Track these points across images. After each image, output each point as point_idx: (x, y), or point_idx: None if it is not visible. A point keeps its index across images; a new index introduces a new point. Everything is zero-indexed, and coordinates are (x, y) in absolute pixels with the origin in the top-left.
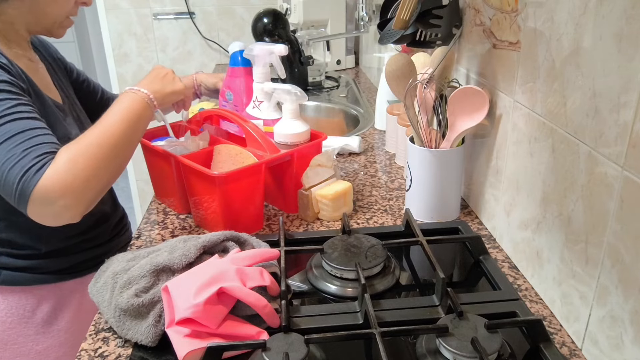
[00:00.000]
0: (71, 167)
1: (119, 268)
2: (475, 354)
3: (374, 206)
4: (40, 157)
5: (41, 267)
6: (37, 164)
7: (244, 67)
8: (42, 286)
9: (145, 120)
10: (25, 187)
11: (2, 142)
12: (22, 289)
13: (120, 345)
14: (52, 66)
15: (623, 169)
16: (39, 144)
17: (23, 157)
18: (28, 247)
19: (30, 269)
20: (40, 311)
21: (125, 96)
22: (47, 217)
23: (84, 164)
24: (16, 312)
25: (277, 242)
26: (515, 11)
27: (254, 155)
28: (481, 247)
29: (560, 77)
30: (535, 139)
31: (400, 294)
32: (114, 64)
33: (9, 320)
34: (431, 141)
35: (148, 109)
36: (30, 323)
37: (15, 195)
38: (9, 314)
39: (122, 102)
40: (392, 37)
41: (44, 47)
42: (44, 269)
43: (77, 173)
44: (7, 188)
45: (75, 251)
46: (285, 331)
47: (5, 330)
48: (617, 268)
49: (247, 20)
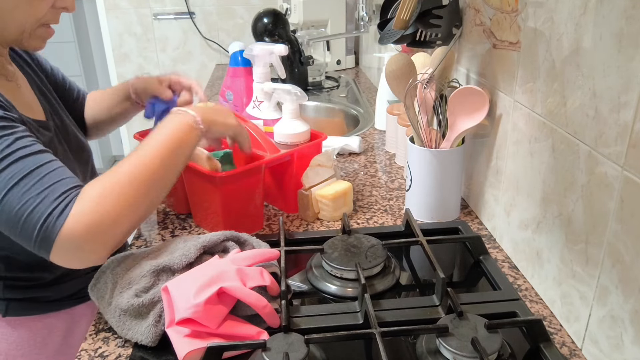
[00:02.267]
0: (98, 206)
1: (119, 268)
2: (475, 354)
3: (374, 206)
4: (61, 198)
5: (48, 295)
6: (59, 207)
7: (244, 67)
8: (50, 314)
9: (190, 147)
10: (48, 235)
11: (12, 187)
12: (31, 319)
13: (120, 345)
14: (31, 74)
15: (623, 169)
16: (55, 182)
17: (41, 202)
18: (31, 279)
19: (36, 298)
20: (52, 340)
21: (170, 118)
22: (72, 261)
23: (112, 202)
24: (27, 344)
25: (277, 242)
26: (515, 11)
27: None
28: (481, 247)
29: (560, 77)
30: (535, 139)
31: (400, 294)
32: (114, 64)
33: (20, 353)
34: (431, 141)
35: (193, 132)
36: (42, 354)
37: (35, 243)
38: (20, 347)
39: (164, 126)
40: (392, 37)
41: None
42: (52, 296)
43: (104, 213)
44: (26, 237)
45: (80, 274)
46: (285, 331)
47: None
48: (617, 268)
49: (247, 20)
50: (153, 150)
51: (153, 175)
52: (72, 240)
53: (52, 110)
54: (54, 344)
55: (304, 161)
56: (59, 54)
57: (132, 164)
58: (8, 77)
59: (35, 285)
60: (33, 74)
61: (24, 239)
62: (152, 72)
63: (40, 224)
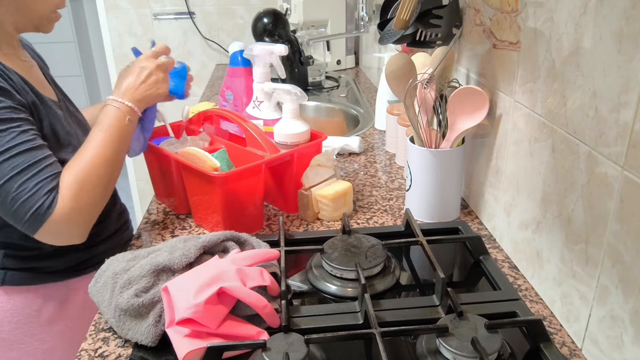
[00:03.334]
0: (76, 197)
1: (119, 268)
2: (475, 354)
3: (374, 206)
4: (49, 192)
5: (46, 266)
6: (47, 200)
7: (244, 67)
8: (47, 285)
9: (131, 131)
10: (36, 223)
11: (13, 175)
12: (27, 289)
13: (120, 345)
14: (40, 64)
15: (623, 169)
16: (47, 177)
17: (34, 193)
18: (32, 249)
19: (35, 269)
20: (46, 310)
21: (109, 112)
22: (55, 241)
23: (86, 191)
24: (22, 312)
25: (277, 242)
26: (515, 11)
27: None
28: (481, 247)
29: (560, 77)
30: (535, 139)
31: (400, 294)
32: (114, 64)
33: (14, 320)
34: (431, 141)
35: (131, 123)
36: (36, 322)
37: (24, 225)
38: (15, 314)
39: (107, 119)
40: (392, 37)
41: (28, 44)
42: (49, 268)
43: (82, 202)
44: (17, 219)
45: (80, 249)
46: (286, 331)
47: (11, 331)
48: (617, 268)
49: (247, 20)
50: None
51: (110, 161)
52: (56, 229)
53: (62, 95)
54: (48, 313)
55: (304, 161)
56: (59, 54)
57: (93, 155)
58: (24, 58)
59: (34, 255)
60: (42, 63)
61: (13, 220)
62: None
63: (30, 214)
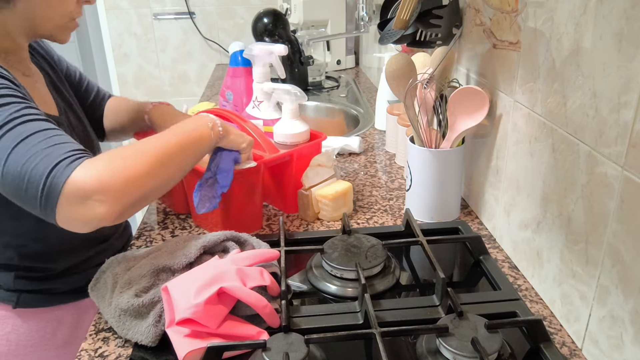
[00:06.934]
0: (110, 165)
1: (119, 268)
2: (475, 354)
3: (374, 206)
4: (70, 153)
5: (57, 287)
6: (69, 158)
7: (244, 67)
8: (60, 307)
9: (205, 146)
10: (55, 183)
11: (19, 142)
12: (41, 311)
13: (120, 345)
14: (50, 74)
15: (623, 169)
16: (63, 142)
17: (49, 154)
18: (41, 270)
19: (47, 290)
20: (61, 332)
21: (194, 118)
22: (78, 218)
23: (124, 164)
24: (36, 335)
25: (277, 242)
26: (515, 11)
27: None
28: (481, 247)
29: (561, 77)
30: (535, 139)
31: (400, 294)
32: (114, 64)
33: (30, 344)
34: (431, 141)
35: (211, 135)
36: (51, 345)
37: (41, 195)
38: (29, 338)
39: (188, 121)
40: (392, 37)
41: (45, 50)
42: (60, 288)
43: (116, 171)
44: (31, 190)
45: (88, 267)
46: (286, 331)
47: (27, 354)
48: (617, 268)
49: (247, 20)
50: (175, 134)
51: (168, 154)
52: (80, 190)
53: (67, 106)
54: (63, 335)
55: (303, 161)
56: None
57: (154, 140)
58: (25, 72)
59: (45, 276)
60: (49, 69)
61: (29, 195)
62: (152, 71)
63: (47, 173)
